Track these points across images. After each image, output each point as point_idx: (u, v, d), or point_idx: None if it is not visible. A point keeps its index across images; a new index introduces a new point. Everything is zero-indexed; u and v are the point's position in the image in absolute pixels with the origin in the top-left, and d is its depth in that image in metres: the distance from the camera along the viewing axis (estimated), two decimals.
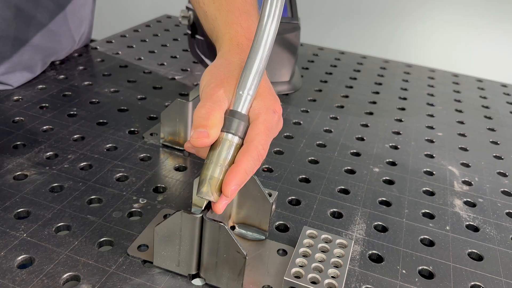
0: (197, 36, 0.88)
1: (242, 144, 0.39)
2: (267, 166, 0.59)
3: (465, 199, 0.57)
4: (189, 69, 0.86)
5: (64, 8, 0.76)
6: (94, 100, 0.70)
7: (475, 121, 0.78)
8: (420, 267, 0.46)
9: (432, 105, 0.83)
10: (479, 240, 0.50)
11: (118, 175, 0.54)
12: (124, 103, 0.70)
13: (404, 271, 0.45)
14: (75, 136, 0.60)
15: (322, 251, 0.43)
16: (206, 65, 0.86)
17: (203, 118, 0.38)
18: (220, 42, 0.47)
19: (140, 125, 0.65)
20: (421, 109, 0.81)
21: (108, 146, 0.59)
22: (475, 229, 0.52)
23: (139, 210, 0.49)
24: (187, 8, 0.89)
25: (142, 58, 0.88)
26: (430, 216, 0.54)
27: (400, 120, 0.76)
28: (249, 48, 0.40)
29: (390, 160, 0.64)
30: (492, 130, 0.76)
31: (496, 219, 0.54)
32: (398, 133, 0.71)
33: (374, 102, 0.81)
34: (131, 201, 0.50)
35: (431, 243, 0.49)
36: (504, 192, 0.59)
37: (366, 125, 0.73)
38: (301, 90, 0.82)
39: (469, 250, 0.49)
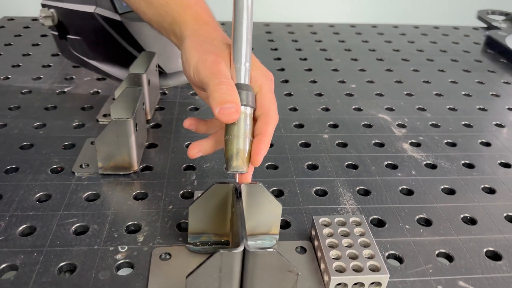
0: (70, 36, 0.75)
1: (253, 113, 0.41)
2: None
3: (409, 141, 0.62)
4: (74, 77, 0.73)
5: None
6: None
7: (372, 66, 0.84)
8: (416, 217, 0.48)
9: (330, 59, 0.86)
10: (442, 175, 0.55)
11: (73, 227, 0.44)
12: (23, 138, 0.57)
13: (407, 226, 0.47)
14: None
15: (343, 236, 0.42)
16: (93, 67, 0.74)
17: (227, 94, 0.38)
18: (181, 23, 0.45)
19: (60, 159, 0.54)
20: (324, 65, 0.83)
21: (37, 196, 0.48)
22: (433, 166, 0.57)
23: (127, 260, 0.41)
24: (44, 5, 0.75)
25: (10, 76, 0.72)
26: (393, 167, 0.57)
27: (314, 81, 0.77)
28: (218, 26, 0.45)
29: (331, 123, 0.65)
30: (390, 70, 0.83)
31: (441, 151, 0.60)
32: (320, 95, 0.73)
33: (283, 69, 0.81)
34: (109, 253, 0.42)
35: (409, 192, 0.52)
36: (432, 125, 0.66)
37: (290, 94, 0.72)
38: None
39: (441, 187, 0.53)
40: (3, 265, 0.40)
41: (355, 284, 0.39)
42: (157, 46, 0.69)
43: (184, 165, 0.54)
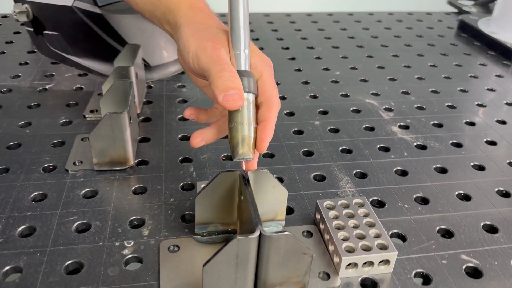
0: (47, 32, 0.73)
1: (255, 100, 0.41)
2: (226, 154, 0.54)
3: (398, 124, 0.63)
4: (54, 73, 0.71)
5: None
6: None
7: (353, 53, 0.85)
8: (414, 196, 0.50)
9: (312, 48, 0.86)
10: (433, 155, 0.57)
11: (75, 225, 0.43)
12: (9, 137, 0.55)
13: (406, 206, 0.48)
14: None
15: (349, 217, 0.43)
16: (73, 63, 0.72)
17: (230, 81, 0.38)
18: (176, 11, 0.45)
19: (51, 157, 0.52)
20: (306, 54, 0.84)
21: (33, 196, 0.46)
22: (423, 147, 0.59)
23: (134, 255, 0.40)
24: (18, 0, 0.72)
25: None
26: (386, 149, 0.58)
27: (299, 70, 0.77)
28: (213, 13, 0.45)
29: (321, 109, 0.65)
30: (371, 57, 0.84)
31: (430, 133, 0.61)
32: (307, 83, 0.73)
33: None
34: (115, 249, 0.41)
35: (404, 173, 0.54)
36: (418, 108, 0.67)
37: (277, 83, 0.72)
38: None
39: (434, 166, 0.55)
40: (7, 268, 0.38)
41: (365, 263, 0.39)
42: (140, 38, 0.68)
43: (180, 158, 0.53)
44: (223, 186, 0.40)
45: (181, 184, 0.49)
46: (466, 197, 0.50)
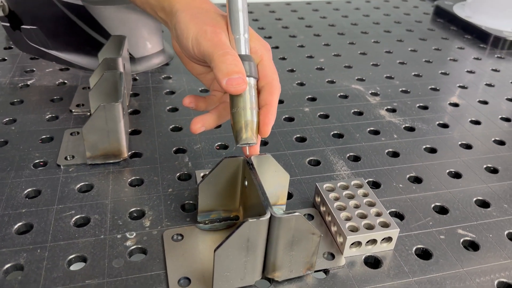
0: (25, 27, 0.70)
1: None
2: (219, 143, 0.54)
3: (385, 108, 0.64)
4: (34, 69, 0.69)
5: None
6: None
7: (335, 40, 0.86)
8: (407, 176, 0.51)
9: (294, 36, 0.87)
10: (421, 136, 0.58)
11: (73, 220, 0.42)
12: None
13: (401, 185, 0.49)
14: None
15: (349, 198, 0.43)
16: (53, 57, 0.70)
17: (233, 64, 0.37)
18: None
19: (40, 153, 0.51)
20: (289, 42, 0.84)
21: (26, 192, 0.45)
22: (411, 129, 0.60)
23: (138, 246, 0.40)
24: None
25: None
26: (376, 132, 0.59)
27: (284, 58, 0.78)
28: None
29: (309, 96, 0.66)
30: (353, 43, 0.85)
31: (416, 115, 0.63)
32: (292, 70, 0.73)
33: None
34: (118, 241, 0.40)
35: (395, 154, 0.55)
36: (403, 92, 0.69)
37: None
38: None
39: (423, 147, 0.56)
40: (7, 266, 0.37)
41: (368, 241, 0.40)
42: (124, 30, 0.67)
43: (174, 148, 0.53)
44: (226, 172, 0.40)
45: (178, 174, 0.49)
46: (456, 175, 0.52)
